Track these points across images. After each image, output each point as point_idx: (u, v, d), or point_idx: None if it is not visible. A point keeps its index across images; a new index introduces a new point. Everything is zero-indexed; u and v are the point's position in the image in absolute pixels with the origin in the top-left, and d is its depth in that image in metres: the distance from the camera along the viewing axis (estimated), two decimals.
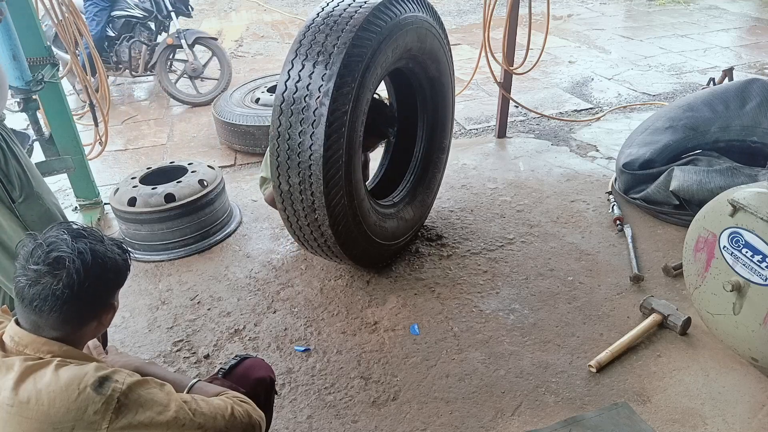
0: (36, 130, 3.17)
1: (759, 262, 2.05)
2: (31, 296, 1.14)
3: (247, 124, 4.23)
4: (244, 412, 1.31)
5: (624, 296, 2.71)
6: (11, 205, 1.97)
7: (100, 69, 3.63)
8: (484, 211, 3.45)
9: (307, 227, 2.46)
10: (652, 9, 8.75)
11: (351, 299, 2.75)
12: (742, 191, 2.13)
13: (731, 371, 2.27)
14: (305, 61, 2.24)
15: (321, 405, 2.21)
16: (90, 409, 1.11)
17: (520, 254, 3.04)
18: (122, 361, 1.44)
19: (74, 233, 1.21)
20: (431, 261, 3.01)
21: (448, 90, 3.06)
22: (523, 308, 2.66)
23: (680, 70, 5.98)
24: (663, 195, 3.22)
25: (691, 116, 3.40)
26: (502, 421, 2.12)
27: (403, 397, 2.23)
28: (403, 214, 2.93)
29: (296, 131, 2.24)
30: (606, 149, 4.23)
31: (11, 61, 2.78)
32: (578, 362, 2.35)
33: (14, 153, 1.98)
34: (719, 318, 2.27)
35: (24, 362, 1.14)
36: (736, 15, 8.17)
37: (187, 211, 3.12)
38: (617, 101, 5.21)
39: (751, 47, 6.66)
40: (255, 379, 1.62)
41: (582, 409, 2.14)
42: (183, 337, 2.57)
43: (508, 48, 4.10)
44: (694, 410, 2.11)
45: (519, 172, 3.93)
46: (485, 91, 5.56)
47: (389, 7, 2.36)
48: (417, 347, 2.46)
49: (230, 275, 2.99)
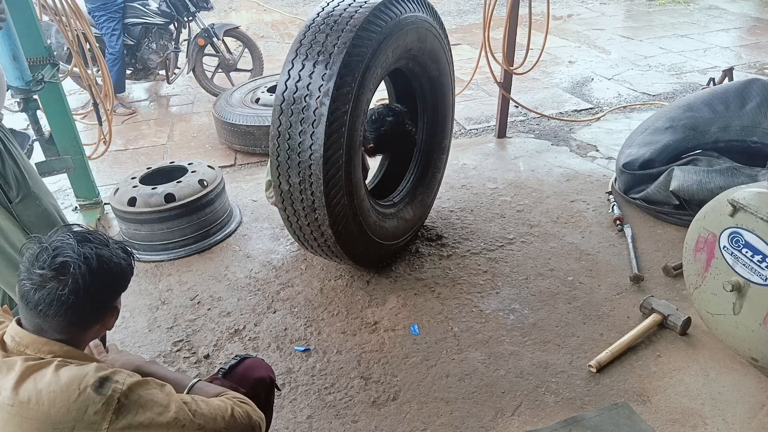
0: (36, 130, 3.17)
1: (759, 262, 2.05)
2: (35, 300, 1.14)
3: (247, 124, 4.23)
4: (244, 413, 1.31)
5: (624, 296, 2.71)
6: (8, 205, 1.96)
7: (104, 68, 3.62)
8: (484, 211, 3.45)
9: (307, 227, 2.46)
10: (652, 9, 8.75)
11: (351, 299, 2.75)
12: (742, 191, 2.13)
13: (731, 371, 2.27)
14: (305, 61, 2.24)
15: (321, 405, 2.21)
16: (90, 410, 1.11)
17: (520, 254, 3.04)
18: (123, 360, 1.44)
19: (80, 237, 1.20)
20: (431, 261, 3.01)
21: (448, 90, 3.06)
22: (523, 308, 2.66)
23: (680, 70, 5.98)
24: (663, 195, 3.22)
25: (691, 116, 3.40)
26: (502, 421, 2.12)
27: (403, 397, 2.23)
28: (403, 214, 2.93)
29: (296, 131, 2.24)
30: (606, 149, 4.23)
31: (11, 61, 2.77)
32: (578, 362, 2.35)
33: (11, 153, 1.98)
34: (719, 318, 2.27)
35: (25, 362, 1.14)
36: (736, 15, 8.17)
37: (187, 211, 3.12)
38: (617, 101, 5.21)
39: (751, 47, 6.66)
40: (255, 379, 1.62)
41: (582, 409, 2.14)
42: (183, 337, 2.57)
43: (508, 48, 4.10)
44: (694, 410, 2.11)
45: (519, 172, 3.93)
46: (485, 91, 5.56)
47: (389, 7, 2.36)
48: (417, 347, 2.46)
49: (230, 275, 2.99)
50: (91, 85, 3.46)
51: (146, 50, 5.40)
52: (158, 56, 5.44)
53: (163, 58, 5.45)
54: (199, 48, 5.36)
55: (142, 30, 5.34)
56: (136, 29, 5.32)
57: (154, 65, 5.46)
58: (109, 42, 5.15)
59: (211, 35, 5.34)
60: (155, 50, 5.43)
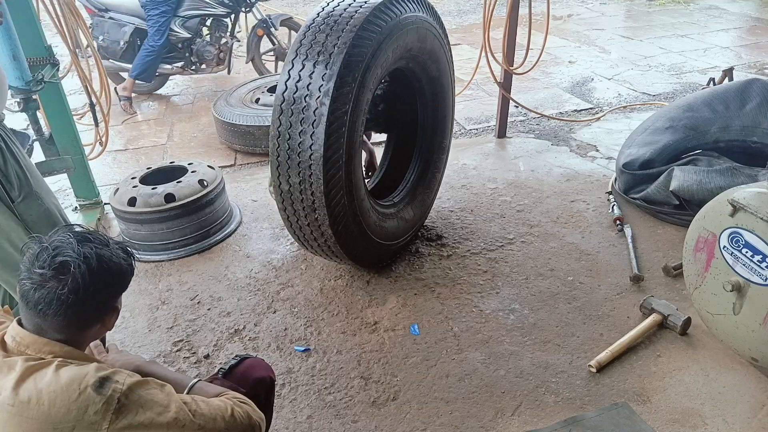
0: (36, 130, 3.17)
1: (759, 262, 2.05)
2: (35, 300, 1.15)
3: (247, 124, 4.23)
4: (244, 413, 1.31)
5: (624, 296, 2.71)
6: (10, 205, 1.97)
7: (101, 69, 3.62)
8: (484, 211, 3.45)
9: (307, 227, 2.46)
10: (652, 9, 8.75)
11: (351, 299, 2.75)
12: (742, 191, 2.13)
13: (731, 371, 2.27)
14: (305, 61, 2.24)
15: (321, 405, 2.21)
16: (90, 410, 1.11)
17: (520, 254, 3.04)
18: (123, 360, 1.44)
19: (80, 237, 1.21)
20: (431, 261, 3.01)
21: (448, 90, 3.06)
22: (523, 308, 2.66)
23: (680, 70, 5.98)
24: (663, 195, 3.22)
25: (691, 116, 3.40)
26: (502, 421, 2.12)
27: (403, 397, 2.23)
28: (403, 214, 2.93)
29: (296, 131, 2.24)
30: (606, 149, 4.23)
31: (11, 61, 2.77)
32: (578, 362, 2.35)
33: (13, 153, 1.98)
34: (719, 318, 2.27)
35: (25, 362, 1.14)
36: (736, 15, 8.17)
37: (187, 211, 3.12)
38: (617, 101, 5.21)
39: (751, 47, 6.67)
40: (255, 379, 1.62)
41: (582, 409, 2.14)
42: (183, 337, 2.57)
43: (508, 48, 4.10)
44: (694, 410, 2.11)
45: (519, 172, 3.93)
46: (485, 91, 5.56)
47: (389, 7, 2.36)
48: (417, 347, 2.47)
49: (230, 275, 2.99)
50: (88, 85, 3.46)
51: (202, 43, 5.38)
52: (215, 48, 5.41)
53: (218, 50, 5.43)
54: (258, 38, 5.38)
55: (199, 22, 5.34)
56: (193, 21, 5.30)
57: (211, 57, 5.42)
58: (153, 36, 5.14)
59: (269, 25, 5.35)
60: (211, 42, 5.41)
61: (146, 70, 5.24)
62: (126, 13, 5.26)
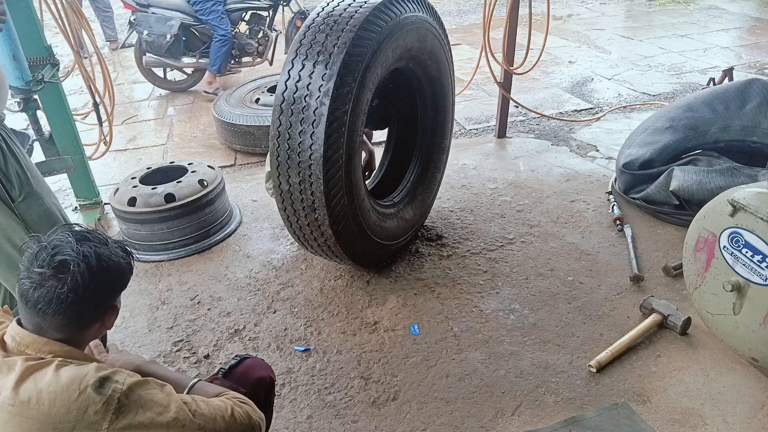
0: (36, 130, 3.17)
1: (759, 262, 2.05)
2: (35, 299, 1.15)
3: (247, 124, 4.23)
4: (244, 413, 1.31)
5: (624, 296, 2.71)
6: (10, 204, 1.97)
7: (104, 68, 3.62)
8: (484, 211, 3.45)
9: (307, 227, 2.46)
10: (652, 9, 8.75)
11: (351, 299, 2.75)
12: (742, 191, 2.13)
13: (731, 371, 2.27)
14: (305, 61, 2.24)
15: (321, 405, 2.21)
16: (90, 410, 1.11)
17: (520, 254, 3.04)
18: (123, 360, 1.44)
19: (79, 236, 1.21)
20: (431, 261, 3.01)
21: (448, 90, 3.06)
22: (523, 308, 2.66)
23: (680, 70, 5.98)
24: (663, 195, 3.22)
25: (691, 116, 3.40)
26: (502, 421, 2.12)
27: (403, 397, 2.23)
28: (403, 214, 2.93)
29: (296, 131, 2.24)
30: (606, 149, 4.23)
31: (11, 61, 2.77)
32: (578, 362, 2.35)
33: (14, 153, 1.98)
34: (719, 318, 2.27)
35: (25, 362, 1.14)
36: (736, 15, 8.17)
37: (187, 211, 3.12)
38: (617, 101, 5.21)
39: (751, 47, 6.66)
40: (255, 379, 1.62)
41: (582, 409, 2.14)
42: (183, 337, 2.57)
43: (508, 48, 4.10)
44: (694, 410, 2.11)
45: (519, 172, 3.93)
46: (485, 91, 5.56)
47: (389, 7, 2.36)
48: (417, 347, 2.47)
49: (230, 275, 2.99)
50: (92, 84, 3.46)
51: (242, 36, 5.48)
52: (254, 41, 5.53)
53: (258, 44, 5.53)
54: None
55: (240, 15, 5.43)
56: (235, 15, 5.41)
57: (252, 50, 5.54)
58: (219, 25, 5.25)
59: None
60: (251, 36, 5.51)
61: (224, 60, 5.38)
62: (168, 8, 5.33)
